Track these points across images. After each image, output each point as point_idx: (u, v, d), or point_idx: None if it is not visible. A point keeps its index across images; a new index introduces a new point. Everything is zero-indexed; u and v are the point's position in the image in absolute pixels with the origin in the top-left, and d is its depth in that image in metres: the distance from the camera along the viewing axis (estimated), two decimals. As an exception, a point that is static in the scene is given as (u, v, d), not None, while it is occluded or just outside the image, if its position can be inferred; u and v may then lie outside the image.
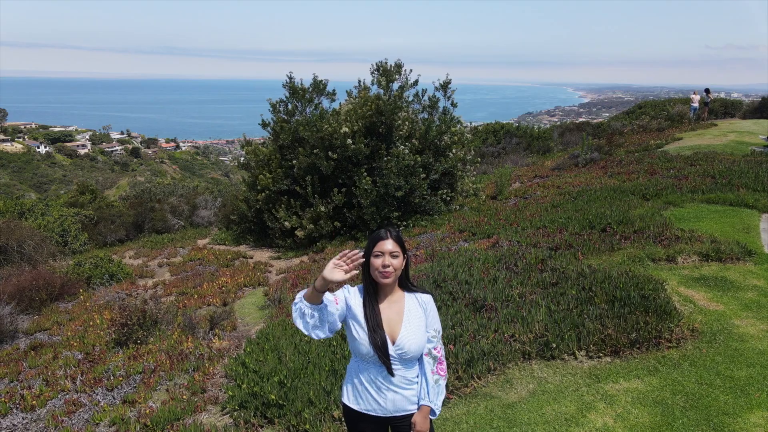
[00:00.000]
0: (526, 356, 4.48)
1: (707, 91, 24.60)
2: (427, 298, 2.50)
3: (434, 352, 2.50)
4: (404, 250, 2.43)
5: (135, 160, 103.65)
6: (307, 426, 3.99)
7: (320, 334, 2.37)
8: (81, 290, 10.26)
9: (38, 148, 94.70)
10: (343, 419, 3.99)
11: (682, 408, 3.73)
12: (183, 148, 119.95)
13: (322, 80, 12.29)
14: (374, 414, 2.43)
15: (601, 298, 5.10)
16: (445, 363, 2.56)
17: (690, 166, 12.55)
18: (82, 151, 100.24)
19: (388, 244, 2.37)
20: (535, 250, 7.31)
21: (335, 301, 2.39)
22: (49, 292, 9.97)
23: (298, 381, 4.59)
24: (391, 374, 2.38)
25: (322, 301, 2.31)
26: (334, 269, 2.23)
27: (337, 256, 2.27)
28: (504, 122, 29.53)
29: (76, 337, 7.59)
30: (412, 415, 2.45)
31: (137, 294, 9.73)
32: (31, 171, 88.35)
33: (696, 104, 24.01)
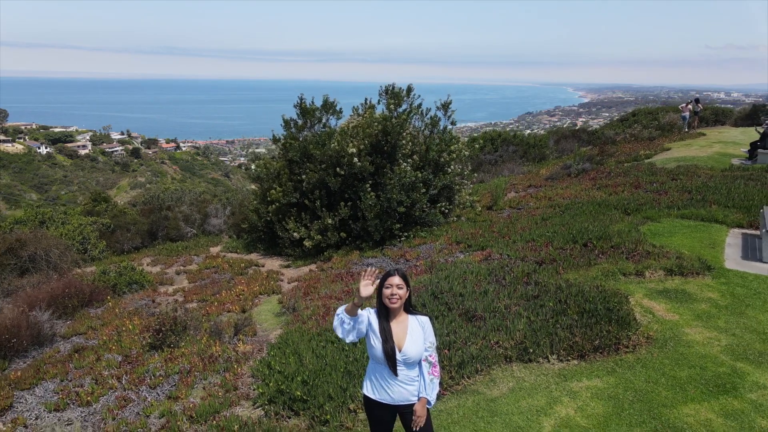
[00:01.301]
0: (508, 359, 5.39)
1: (697, 100, 25.58)
2: (425, 320, 3.40)
3: (430, 359, 3.40)
4: (408, 284, 3.34)
5: (135, 160, 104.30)
6: (328, 416, 4.89)
7: (352, 338, 3.30)
8: (108, 297, 11.16)
9: (39, 148, 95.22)
10: (356, 410, 4.92)
11: (630, 401, 4.64)
12: (183, 149, 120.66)
13: (332, 101, 13.22)
14: (385, 402, 3.34)
15: (573, 310, 6.01)
16: (438, 366, 3.46)
17: (671, 180, 13.44)
18: (82, 152, 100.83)
19: (396, 279, 3.29)
20: (522, 264, 8.22)
21: (363, 316, 3.32)
22: (80, 299, 10.87)
23: (318, 380, 5.49)
24: (396, 375, 3.29)
25: (357, 314, 3.24)
26: (367, 287, 3.15)
27: (364, 277, 3.18)
28: (501, 130, 30.45)
29: (113, 341, 8.49)
30: (413, 404, 3.36)
31: (164, 301, 10.63)
32: (31, 172, 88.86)
33: (686, 113, 24.91)
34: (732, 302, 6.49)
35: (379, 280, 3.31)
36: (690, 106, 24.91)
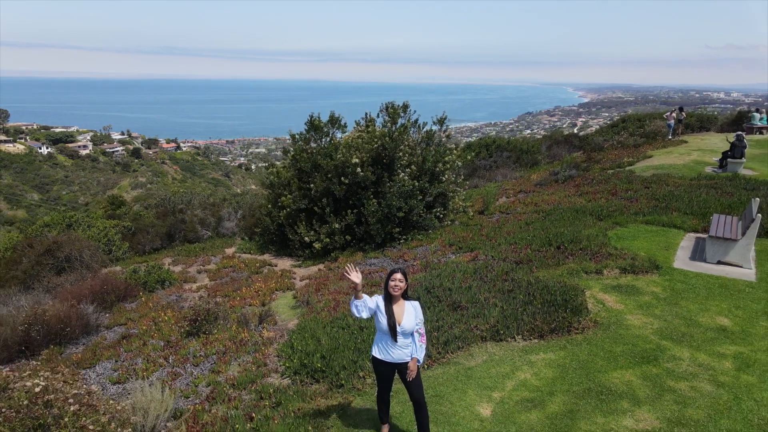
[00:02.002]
0: (483, 339, 6.83)
1: (681, 109, 27.05)
2: (416, 303, 4.85)
3: (419, 330, 4.84)
4: (407, 279, 4.79)
5: (136, 160, 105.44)
6: (343, 381, 6.33)
7: (361, 315, 4.73)
8: (140, 293, 12.59)
9: (40, 148, 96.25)
10: (365, 377, 6.36)
11: (574, 368, 6.08)
12: (183, 149, 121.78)
13: (338, 116, 14.70)
14: (387, 361, 4.79)
15: (538, 301, 7.45)
16: (425, 336, 4.91)
17: (644, 188, 14.85)
18: (83, 152, 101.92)
19: (398, 275, 4.74)
20: (503, 263, 9.66)
21: (372, 300, 4.77)
22: (117, 295, 12.30)
23: (334, 356, 6.93)
24: (396, 341, 4.74)
25: (361, 298, 4.69)
26: (352, 273, 4.63)
27: (348, 268, 4.67)
28: (496, 136, 31.89)
29: (153, 330, 9.92)
30: (407, 362, 4.79)
31: (191, 297, 12.06)
32: (33, 172, 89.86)
33: (672, 121, 26.34)
34: (670, 295, 7.93)
35: (386, 276, 4.78)
36: (674, 114, 26.35)
